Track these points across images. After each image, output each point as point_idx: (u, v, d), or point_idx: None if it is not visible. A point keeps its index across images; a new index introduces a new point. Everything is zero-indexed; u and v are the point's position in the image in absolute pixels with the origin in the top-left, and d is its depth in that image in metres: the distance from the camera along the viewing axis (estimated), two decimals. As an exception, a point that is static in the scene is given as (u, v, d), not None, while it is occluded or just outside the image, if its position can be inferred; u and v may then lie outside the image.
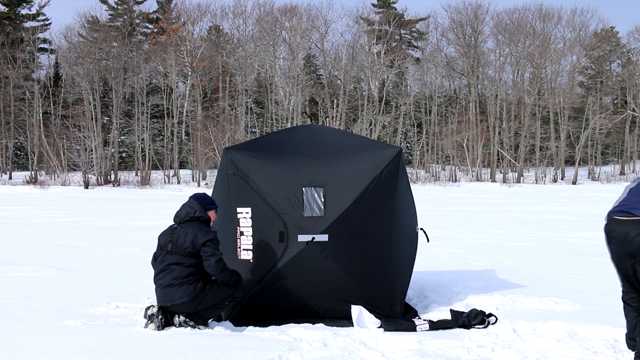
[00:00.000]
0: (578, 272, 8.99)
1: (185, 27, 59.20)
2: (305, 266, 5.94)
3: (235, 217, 6.07)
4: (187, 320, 5.74)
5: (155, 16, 63.96)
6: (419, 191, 29.89)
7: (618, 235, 4.68)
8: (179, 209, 6.00)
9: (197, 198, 6.06)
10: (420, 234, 6.78)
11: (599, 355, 5.02)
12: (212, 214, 6.06)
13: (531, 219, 19.04)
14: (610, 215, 4.80)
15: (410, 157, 59.16)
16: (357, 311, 5.93)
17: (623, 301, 4.96)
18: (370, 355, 4.99)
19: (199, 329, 5.75)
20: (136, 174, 54.07)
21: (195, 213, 5.92)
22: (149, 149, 54.56)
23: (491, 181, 53.75)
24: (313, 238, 5.86)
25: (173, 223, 5.99)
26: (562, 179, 56.18)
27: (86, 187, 44.87)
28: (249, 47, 59.40)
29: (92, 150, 49.36)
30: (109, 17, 63.66)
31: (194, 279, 5.78)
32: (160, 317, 5.68)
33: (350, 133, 7.92)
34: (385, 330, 5.74)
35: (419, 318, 6.07)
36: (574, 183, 53.27)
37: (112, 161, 53.71)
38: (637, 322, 4.90)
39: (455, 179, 54.82)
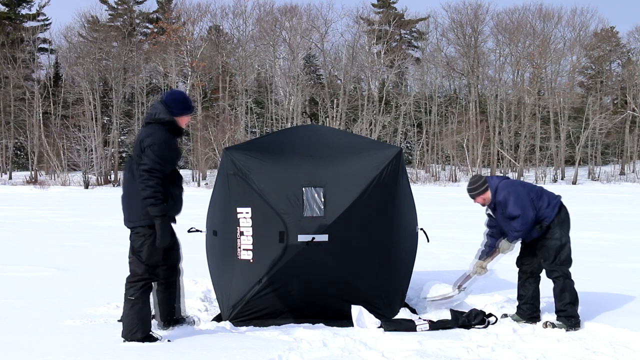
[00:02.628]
0: (578, 272, 8.96)
1: (185, 27, 59.20)
2: (305, 266, 5.93)
3: (235, 217, 6.06)
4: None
5: (155, 16, 63.96)
6: (419, 191, 29.86)
7: None
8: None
9: (165, 100, 5.27)
10: (420, 234, 6.78)
11: (599, 355, 5.02)
12: (182, 119, 5.30)
13: (531, 219, 18.98)
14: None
15: (410, 157, 59.16)
16: (357, 311, 5.93)
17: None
18: (370, 355, 4.99)
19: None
20: (136, 174, 54.03)
21: (156, 114, 5.19)
22: (149, 149, 54.48)
23: (491, 181, 53.70)
24: (313, 238, 5.86)
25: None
26: (562, 179, 56.17)
27: (86, 187, 44.88)
28: (249, 47, 59.41)
29: (92, 150, 49.38)
30: (109, 17, 63.66)
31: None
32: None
33: (350, 133, 7.92)
34: (385, 330, 5.74)
35: (419, 318, 6.07)
36: (574, 183, 53.26)
37: (112, 161, 53.73)
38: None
39: (455, 179, 54.82)
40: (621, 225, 17.21)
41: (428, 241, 6.96)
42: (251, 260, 6.03)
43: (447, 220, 18.06)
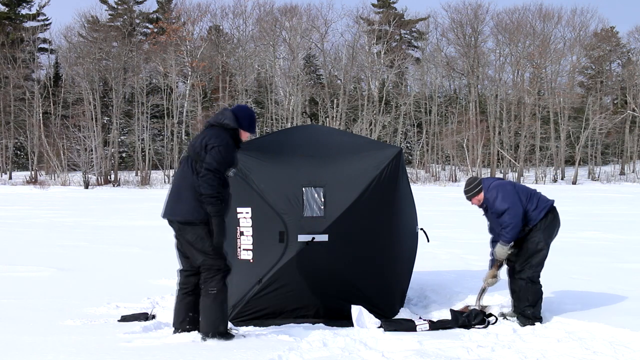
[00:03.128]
0: (578, 272, 8.99)
1: (185, 27, 59.21)
2: (305, 266, 5.93)
3: (235, 217, 6.06)
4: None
5: (155, 16, 63.95)
6: (419, 191, 29.85)
7: None
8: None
9: (235, 110, 5.43)
10: (420, 234, 6.77)
11: (599, 355, 5.02)
12: (244, 134, 5.45)
13: (531, 219, 18.98)
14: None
15: (410, 157, 59.15)
16: (357, 311, 5.93)
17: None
18: (370, 355, 4.99)
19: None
20: (136, 174, 54.08)
21: (223, 120, 5.32)
22: (149, 149, 54.55)
23: (491, 181, 53.69)
24: (313, 238, 5.86)
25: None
26: (562, 179, 56.17)
27: (86, 187, 44.87)
28: (249, 47, 59.41)
29: (92, 150, 49.37)
30: (109, 17, 63.65)
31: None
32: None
33: (350, 133, 7.92)
34: (385, 330, 5.74)
35: (420, 318, 6.07)
36: (574, 183, 53.26)
37: (112, 161, 53.72)
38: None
39: (455, 179, 54.81)
40: (621, 225, 17.21)
41: (428, 241, 6.95)
42: (251, 260, 6.03)
43: (447, 220, 18.06)
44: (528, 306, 6.00)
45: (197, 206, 5.12)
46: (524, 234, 6.09)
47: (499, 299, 6.84)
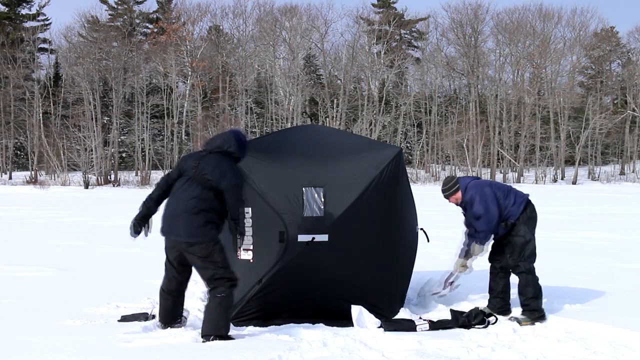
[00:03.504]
0: (578, 272, 8.99)
1: (185, 27, 59.20)
2: (305, 266, 5.93)
3: (235, 217, 6.06)
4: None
5: (155, 16, 63.94)
6: (419, 191, 29.81)
7: None
8: (212, 137, 5.67)
9: (237, 134, 5.58)
10: (420, 234, 6.78)
11: (599, 355, 5.02)
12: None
13: (531, 219, 18.98)
14: None
15: (410, 157, 59.14)
16: (357, 311, 5.93)
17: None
18: (370, 355, 4.99)
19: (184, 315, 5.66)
20: (136, 174, 54.06)
21: (229, 148, 5.46)
22: (149, 149, 54.55)
23: (491, 181, 53.71)
24: (313, 238, 5.86)
25: (202, 150, 5.58)
26: (562, 179, 56.17)
27: (86, 187, 44.87)
28: (249, 47, 59.40)
29: (92, 150, 49.37)
30: (109, 17, 63.64)
31: (210, 220, 5.29)
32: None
33: (350, 133, 7.92)
34: (385, 330, 5.74)
35: (420, 318, 6.07)
36: (574, 183, 53.26)
37: (112, 161, 53.71)
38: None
39: (455, 179, 54.68)
40: (621, 225, 17.21)
41: (428, 241, 6.95)
42: (251, 260, 6.03)
43: (447, 220, 18.04)
44: (532, 298, 6.10)
45: (212, 227, 5.34)
46: (508, 229, 6.26)
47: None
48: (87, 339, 5.24)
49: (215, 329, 5.24)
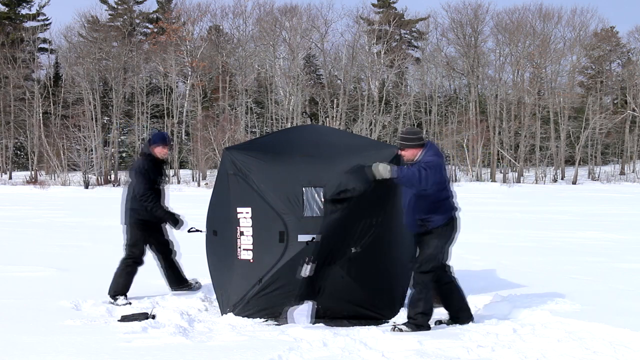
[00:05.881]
0: (578, 272, 8.99)
1: (185, 27, 59.17)
2: (305, 266, 5.93)
3: (236, 217, 6.07)
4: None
5: (155, 16, 63.93)
6: (419, 191, 29.75)
7: None
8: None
9: (150, 136, 7.09)
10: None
11: (599, 355, 5.02)
12: (157, 149, 6.94)
13: (531, 219, 19.03)
14: None
15: (410, 157, 59.03)
16: (298, 307, 5.96)
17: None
18: (370, 355, 4.99)
19: None
20: (136, 174, 54.01)
21: (142, 149, 7.12)
22: (149, 149, 54.48)
23: (491, 181, 53.73)
24: (313, 238, 5.86)
25: None
26: (562, 178, 56.16)
27: (86, 187, 44.88)
28: (249, 47, 59.37)
29: (92, 150, 49.37)
30: (109, 17, 63.60)
31: (132, 209, 6.81)
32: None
33: (350, 133, 7.93)
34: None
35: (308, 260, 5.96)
36: (574, 183, 53.25)
37: (112, 161, 53.71)
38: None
39: (456, 178, 54.72)
40: (621, 225, 17.21)
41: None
42: (251, 260, 6.03)
43: (447, 220, 18.03)
44: (421, 314, 5.82)
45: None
46: (422, 232, 5.89)
47: (498, 299, 6.83)
48: (87, 339, 5.24)
49: (116, 289, 6.84)
